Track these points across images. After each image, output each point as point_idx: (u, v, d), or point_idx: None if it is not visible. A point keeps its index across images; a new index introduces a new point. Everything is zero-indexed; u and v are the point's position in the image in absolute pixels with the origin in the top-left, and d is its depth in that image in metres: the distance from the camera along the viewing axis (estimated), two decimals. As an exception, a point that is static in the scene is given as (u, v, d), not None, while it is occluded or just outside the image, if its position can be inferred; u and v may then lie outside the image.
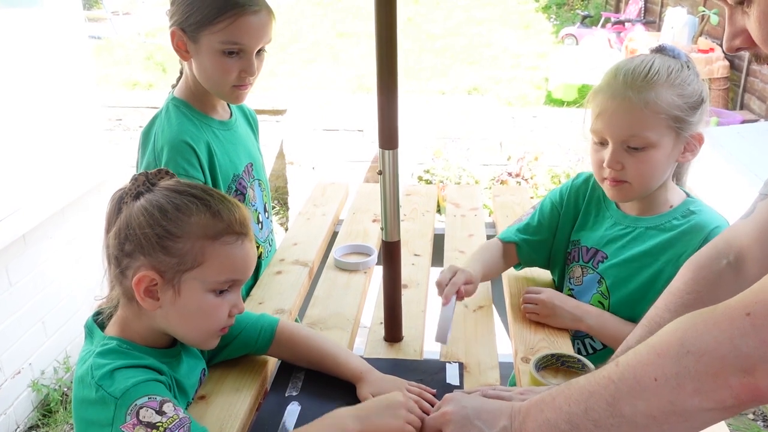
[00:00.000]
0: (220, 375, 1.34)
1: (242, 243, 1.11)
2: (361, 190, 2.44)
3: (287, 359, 1.38)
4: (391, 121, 1.28)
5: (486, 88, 7.69)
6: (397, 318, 1.48)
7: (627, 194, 1.43)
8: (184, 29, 1.50)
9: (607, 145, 1.39)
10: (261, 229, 1.76)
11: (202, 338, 1.16)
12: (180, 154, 1.50)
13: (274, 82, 7.89)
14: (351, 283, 1.75)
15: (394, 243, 1.41)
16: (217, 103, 1.65)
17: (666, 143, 1.35)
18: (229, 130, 1.66)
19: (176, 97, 1.60)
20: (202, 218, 1.08)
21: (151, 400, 1.01)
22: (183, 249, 1.06)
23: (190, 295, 1.09)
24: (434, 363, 1.40)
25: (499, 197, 2.34)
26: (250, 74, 1.55)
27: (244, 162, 1.68)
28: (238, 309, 1.15)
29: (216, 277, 1.09)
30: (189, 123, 1.56)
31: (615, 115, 1.36)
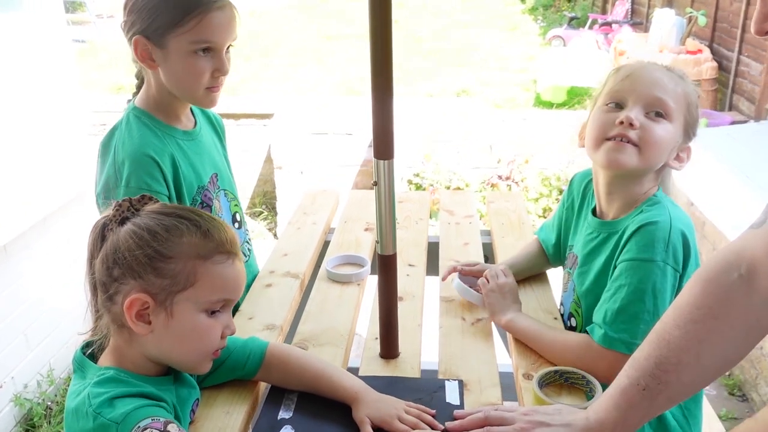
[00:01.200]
0: (209, 396, 1.28)
1: (233, 262, 1.08)
2: (352, 198, 2.38)
3: (278, 383, 1.32)
4: (387, 131, 1.23)
5: (474, 90, 7.65)
6: (393, 334, 1.42)
7: (628, 159, 1.32)
8: (148, 36, 1.43)
9: (622, 108, 1.34)
10: None
11: (196, 361, 1.11)
12: (142, 168, 1.43)
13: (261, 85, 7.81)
14: (344, 296, 1.70)
15: (390, 256, 1.36)
16: (181, 112, 1.58)
17: (677, 127, 1.34)
18: (193, 140, 1.59)
19: (137, 107, 1.53)
20: (193, 238, 1.05)
21: (155, 421, 0.97)
22: (175, 269, 1.03)
23: (183, 317, 1.05)
24: (433, 381, 1.35)
25: (493, 204, 2.30)
26: (224, 73, 1.49)
27: (209, 173, 1.61)
28: (230, 330, 1.12)
29: (209, 296, 1.06)
30: (151, 135, 1.49)
31: (647, 77, 1.34)
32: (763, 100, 5.18)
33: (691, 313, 0.98)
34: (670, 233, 1.28)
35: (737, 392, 3.15)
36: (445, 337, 1.52)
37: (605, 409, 1.04)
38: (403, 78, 7.86)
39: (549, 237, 1.70)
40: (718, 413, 2.98)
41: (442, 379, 1.35)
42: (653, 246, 1.28)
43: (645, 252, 1.28)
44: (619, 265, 1.32)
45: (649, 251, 1.28)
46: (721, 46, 6.12)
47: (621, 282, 1.30)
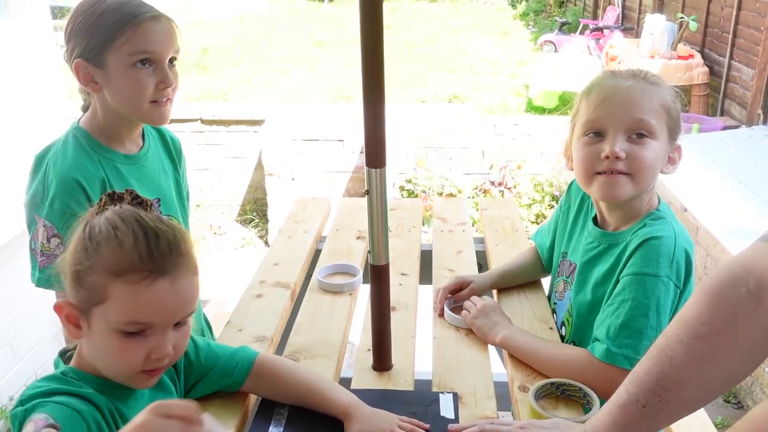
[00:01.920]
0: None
1: (151, 283, 0.98)
2: (343, 205, 2.35)
3: (268, 395, 1.28)
4: (378, 139, 1.20)
5: (466, 96, 7.64)
6: (386, 346, 1.39)
7: (623, 189, 1.31)
8: (87, 58, 1.40)
9: (605, 137, 1.31)
10: None
11: (121, 378, 1.06)
12: (67, 192, 1.40)
13: (252, 92, 7.78)
14: (336, 306, 1.66)
15: (382, 266, 1.32)
16: (126, 136, 1.54)
17: (663, 140, 1.32)
18: (133, 165, 1.54)
19: (80, 127, 1.50)
20: (110, 251, 0.98)
21: (40, 420, 0.94)
22: (91, 282, 0.99)
23: (98, 333, 1.01)
24: (427, 394, 1.32)
25: (486, 211, 2.27)
26: (168, 85, 1.44)
27: (149, 197, 1.57)
28: (158, 354, 1.02)
29: (117, 318, 0.99)
30: (85, 158, 1.45)
31: (621, 101, 1.30)
32: (754, 105, 5.19)
33: (695, 328, 0.94)
34: (674, 249, 1.27)
35: (733, 400, 3.14)
36: (439, 348, 1.49)
37: (603, 425, 1.00)
38: (395, 84, 7.84)
39: (544, 241, 1.68)
40: (714, 420, 2.96)
41: (436, 392, 1.32)
42: (658, 261, 1.26)
43: (649, 266, 1.26)
44: (622, 279, 1.30)
45: (654, 266, 1.26)
46: (712, 51, 6.14)
47: (624, 296, 1.27)
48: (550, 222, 1.67)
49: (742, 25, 5.52)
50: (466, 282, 1.66)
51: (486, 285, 1.68)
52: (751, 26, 5.36)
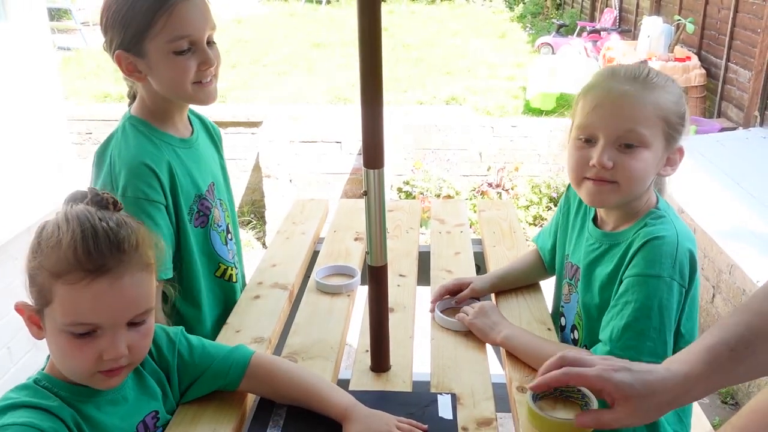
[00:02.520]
0: (195, 413, 1.24)
1: (88, 284, 0.97)
2: (341, 207, 2.35)
3: (265, 395, 1.28)
4: (377, 140, 1.20)
5: (464, 98, 7.65)
6: (384, 347, 1.39)
7: (609, 197, 1.32)
8: (127, 48, 1.41)
9: (596, 143, 1.30)
10: (228, 252, 1.66)
11: (79, 379, 1.06)
12: (140, 177, 1.40)
13: (249, 93, 7.78)
14: (334, 308, 1.66)
15: (380, 267, 1.32)
16: (177, 119, 1.55)
17: (657, 147, 1.29)
18: (190, 148, 1.56)
19: (133, 116, 1.50)
20: (53, 252, 0.98)
21: None
22: (39, 283, 1.00)
23: (50, 334, 1.02)
24: (425, 395, 1.31)
25: (484, 212, 2.27)
26: (210, 65, 1.45)
27: (207, 181, 1.58)
28: (110, 355, 1.01)
29: (62, 319, 0.99)
30: (148, 143, 1.46)
31: (614, 108, 1.28)
32: (751, 107, 5.20)
33: None
34: (677, 249, 1.27)
35: (730, 401, 3.14)
36: (437, 349, 1.49)
37: (690, 362, 0.97)
38: (393, 85, 7.84)
39: (546, 243, 1.67)
40: (711, 421, 2.95)
41: (434, 392, 1.32)
42: (660, 262, 1.25)
43: (652, 267, 1.26)
44: (625, 280, 1.29)
45: (657, 267, 1.25)
46: (709, 53, 6.15)
47: (627, 298, 1.27)
48: (551, 224, 1.67)
49: (738, 27, 5.53)
50: (465, 283, 1.66)
51: (486, 286, 1.67)
52: (748, 28, 5.37)
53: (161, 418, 1.19)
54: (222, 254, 1.61)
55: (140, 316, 1.05)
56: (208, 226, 1.57)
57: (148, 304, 1.06)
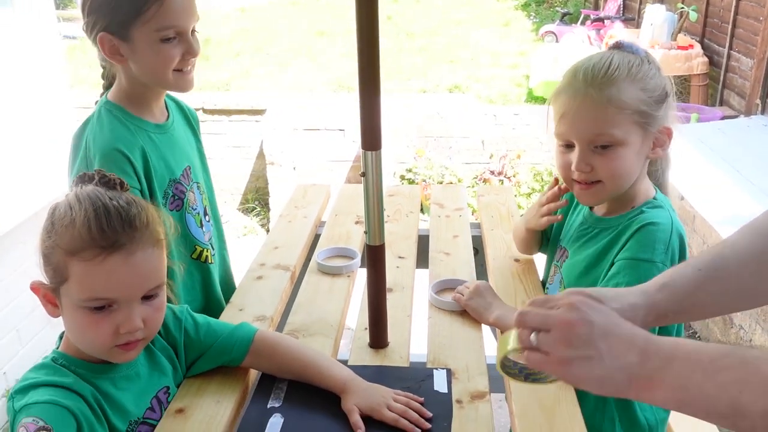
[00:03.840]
0: (200, 386, 1.29)
1: (103, 259, 1.02)
2: (343, 192, 2.39)
3: (268, 370, 1.33)
4: (374, 122, 1.24)
5: (467, 86, 7.65)
6: (382, 324, 1.44)
7: (599, 196, 1.38)
8: (112, 32, 1.44)
9: (574, 148, 1.34)
10: (204, 234, 1.69)
11: (97, 353, 1.11)
12: (113, 162, 1.44)
13: (253, 82, 7.80)
14: (334, 288, 1.71)
15: (378, 247, 1.37)
16: (153, 104, 1.59)
17: (634, 140, 1.31)
18: (165, 134, 1.59)
19: (110, 101, 1.54)
20: (67, 230, 1.03)
21: (33, 423, 0.98)
22: (54, 262, 1.04)
23: (67, 311, 1.07)
24: (421, 370, 1.36)
25: (483, 197, 2.31)
26: (193, 54, 1.50)
27: (181, 166, 1.62)
28: (127, 328, 1.06)
29: (79, 295, 1.04)
30: (122, 128, 1.50)
31: (578, 115, 1.31)
32: (753, 95, 5.21)
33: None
34: (671, 236, 1.30)
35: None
36: (434, 327, 1.53)
37: (654, 287, 1.02)
38: (396, 74, 7.86)
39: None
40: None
41: (430, 368, 1.36)
42: (654, 247, 1.28)
43: (645, 252, 1.29)
44: (617, 263, 1.32)
45: (649, 252, 1.29)
46: (712, 41, 6.15)
47: (618, 280, 1.30)
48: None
49: (741, 15, 5.53)
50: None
51: None
52: (751, 16, 5.37)
53: (172, 393, 1.24)
54: (198, 236, 1.65)
55: (153, 290, 1.09)
56: (183, 210, 1.61)
57: (160, 278, 1.11)
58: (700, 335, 3.53)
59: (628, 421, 1.38)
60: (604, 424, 1.37)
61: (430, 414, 1.21)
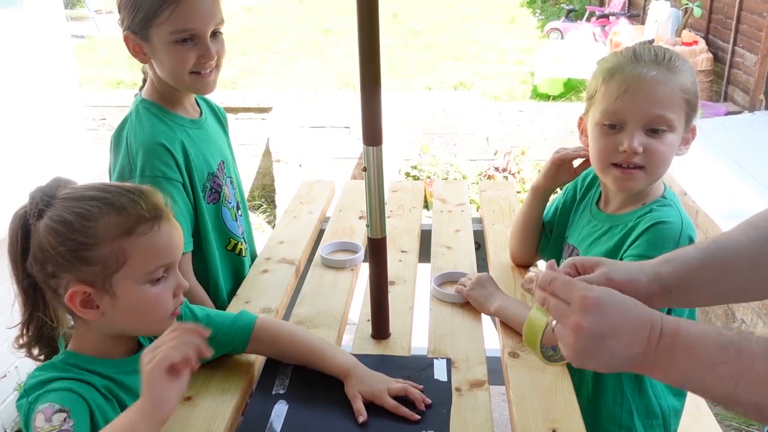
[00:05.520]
0: (207, 376, 1.32)
1: (159, 228, 1.09)
2: (347, 187, 2.43)
3: (272, 355, 1.37)
4: (375, 118, 1.27)
5: (472, 83, 7.68)
6: (384, 315, 1.47)
7: (637, 183, 1.35)
8: (135, 31, 1.48)
9: (622, 129, 1.31)
10: (239, 227, 1.74)
11: (155, 328, 1.13)
12: (156, 156, 1.48)
13: (259, 80, 7.85)
14: (338, 281, 1.74)
15: (379, 240, 1.40)
16: (186, 101, 1.62)
17: (680, 129, 1.32)
18: (200, 129, 1.63)
19: (144, 99, 1.57)
20: (109, 218, 1.06)
21: (49, 407, 1.01)
22: (102, 254, 1.05)
23: (127, 294, 1.08)
24: (422, 359, 1.40)
25: (485, 192, 2.34)
26: (209, 58, 1.51)
27: (217, 160, 1.66)
28: (182, 288, 1.14)
29: (145, 268, 1.08)
30: (161, 124, 1.53)
31: (644, 94, 1.28)
32: (757, 91, 5.22)
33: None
34: (680, 235, 1.30)
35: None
36: (435, 319, 1.57)
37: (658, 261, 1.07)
38: (401, 71, 7.89)
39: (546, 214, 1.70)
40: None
41: (430, 357, 1.40)
42: (662, 245, 1.28)
43: (654, 250, 1.27)
44: (625, 259, 1.33)
45: (659, 250, 1.26)
46: (716, 37, 6.16)
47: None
48: (550, 208, 1.69)
49: (746, 11, 5.54)
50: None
51: None
52: (755, 12, 5.38)
53: None
54: (233, 229, 1.70)
55: None
56: (220, 203, 1.65)
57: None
58: (702, 330, 3.54)
59: (644, 411, 1.40)
60: (623, 416, 1.40)
61: (429, 401, 1.24)
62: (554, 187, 1.66)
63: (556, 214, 1.66)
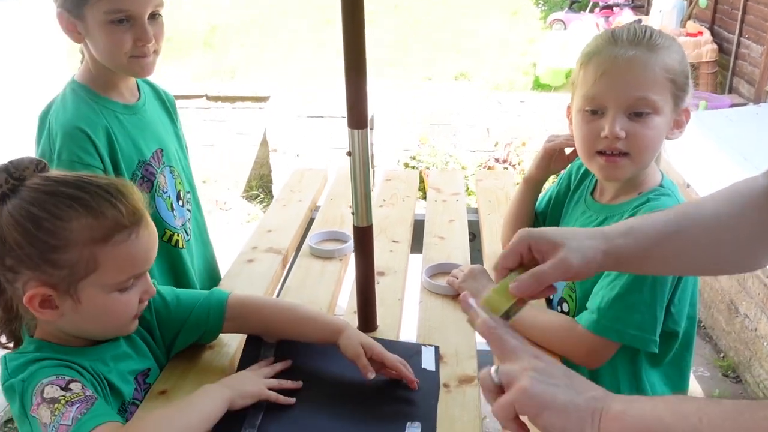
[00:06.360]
0: (184, 368, 1.27)
1: (137, 235, 1.03)
2: (339, 176, 2.36)
3: (254, 331, 1.30)
4: (360, 100, 1.21)
5: (473, 74, 7.60)
6: (370, 307, 1.41)
7: (624, 171, 1.30)
8: (68, 9, 1.42)
9: (604, 114, 1.26)
10: (175, 218, 1.66)
11: (116, 331, 1.11)
12: (74, 141, 1.42)
13: (258, 69, 7.78)
14: (325, 271, 1.68)
15: (365, 228, 1.34)
16: (122, 85, 1.55)
17: (666, 112, 1.26)
18: (134, 115, 1.57)
19: (76, 81, 1.52)
20: (84, 222, 0.99)
21: (59, 379, 0.97)
22: (71, 259, 0.99)
23: (92, 301, 1.02)
24: (410, 346, 1.34)
25: (482, 182, 2.28)
26: (146, 41, 1.44)
27: (152, 148, 1.59)
28: (149, 294, 1.09)
29: (116, 278, 1.03)
30: (86, 107, 1.47)
31: (622, 75, 1.23)
32: (762, 83, 5.13)
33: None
34: None
35: (731, 374, 3.14)
36: (425, 311, 1.51)
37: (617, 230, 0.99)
38: (402, 61, 7.81)
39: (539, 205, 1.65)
40: (711, 394, 2.97)
41: (418, 343, 1.34)
42: None
43: None
44: None
45: None
46: (721, 28, 6.06)
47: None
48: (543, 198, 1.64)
49: (752, 1, 5.44)
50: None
51: None
52: (761, 3, 5.29)
53: (152, 376, 1.22)
54: (167, 220, 1.62)
55: None
56: (153, 192, 1.58)
57: None
58: (705, 324, 3.50)
59: None
60: None
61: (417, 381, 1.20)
62: (547, 177, 1.60)
63: (549, 204, 1.61)
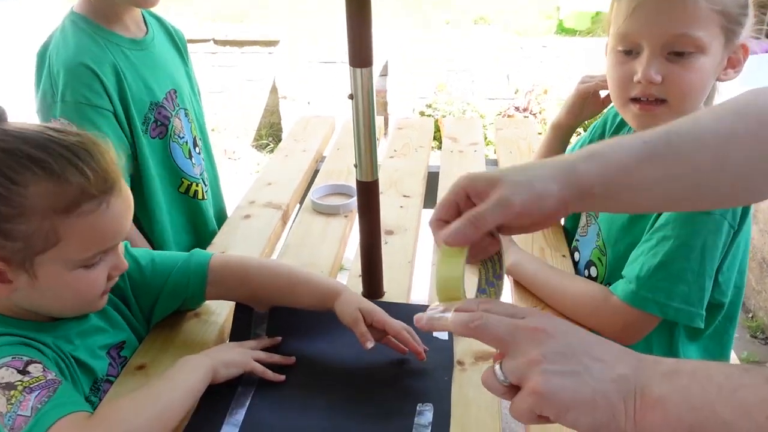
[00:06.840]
0: (165, 339, 1.13)
1: (108, 205, 0.89)
2: (348, 124, 2.19)
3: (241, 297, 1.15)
4: (363, 34, 1.03)
5: (493, 17, 7.30)
6: (376, 271, 1.25)
7: (660, 121, 1.08)
8: None
9: (639, 54, 1.08)
10: (194, 166, 1.52)
11: (79, 310, 0.97)
12: (79, 79, 1.27)
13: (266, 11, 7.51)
14: (328, 229, 1.53)
15: (370, 183, 1.18)
16: (126, 17, 1.39)
17: (715, 50, 1.06)
18: (143, 51, 1.40)
19: (75, 12, 1.35)
20: (43, 188, 0.84)
21: (15, 359, 0.84)
22: (27, 230, 0.84)
23: (51, 278, 0.89)
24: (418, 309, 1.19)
25: (502, 131, 2.10)
26: None
27: (164, 88, 1.44)
28: (119, 270, 0.96)
29: (80, 254, 0.89)
30: (90, 41, 1.31)
31: (657, 11, 1.04)
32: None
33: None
34: None
35: (760, 335, 3.01)
36: (438, 275, 1.35)
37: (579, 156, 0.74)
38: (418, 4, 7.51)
39: None
40: (739, 356, 2.84)
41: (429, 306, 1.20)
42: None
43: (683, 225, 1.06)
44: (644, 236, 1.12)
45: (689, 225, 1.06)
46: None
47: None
48: (573, 148, 1.48)
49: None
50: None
51: None
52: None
53: (129, 348, 1.09)
54: (185, 168, 1.48)
55: None
56: (168, 137, 1.44)
57: None
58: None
59: None
60: None
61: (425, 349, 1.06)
62: (578, 123, 1.43)
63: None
